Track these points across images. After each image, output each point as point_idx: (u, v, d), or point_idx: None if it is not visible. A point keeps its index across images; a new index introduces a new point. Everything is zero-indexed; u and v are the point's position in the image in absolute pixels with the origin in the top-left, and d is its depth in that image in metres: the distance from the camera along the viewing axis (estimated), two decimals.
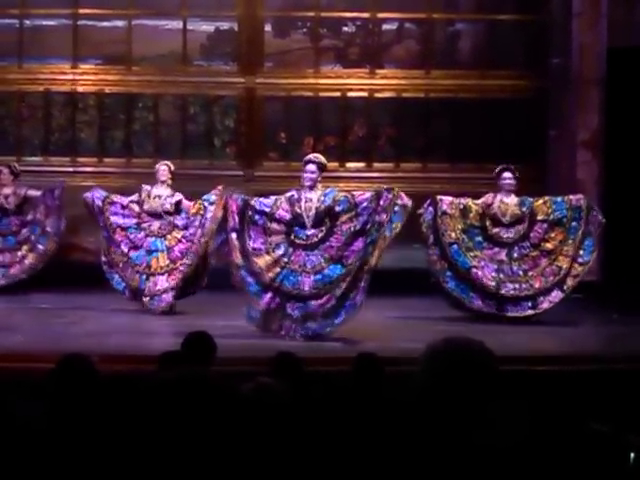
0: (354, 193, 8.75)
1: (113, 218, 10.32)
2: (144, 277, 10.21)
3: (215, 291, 9.69)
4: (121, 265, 10.28)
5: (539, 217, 9.90)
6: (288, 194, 8.78)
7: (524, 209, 9.93)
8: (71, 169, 12.62)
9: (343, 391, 5.19)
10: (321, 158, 9.00)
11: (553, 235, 9.87)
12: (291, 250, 8.60)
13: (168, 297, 10.14)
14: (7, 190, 11.42)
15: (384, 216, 8.42)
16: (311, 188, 8.70)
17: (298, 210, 8.62)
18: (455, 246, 9.86)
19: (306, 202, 8.65)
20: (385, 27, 12.82)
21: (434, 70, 12.76)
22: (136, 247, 10.29)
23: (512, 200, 9.97)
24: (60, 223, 11.37)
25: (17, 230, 11.44)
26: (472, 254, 9.83)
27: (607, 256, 11.79)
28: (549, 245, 9.87)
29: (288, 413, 3.24)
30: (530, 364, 7.27)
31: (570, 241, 9.82)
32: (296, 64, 12.80)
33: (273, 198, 8.80)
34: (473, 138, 12.54)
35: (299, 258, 8.58)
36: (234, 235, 8.68)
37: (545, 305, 9.84)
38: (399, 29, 12.85)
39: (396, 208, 8.46)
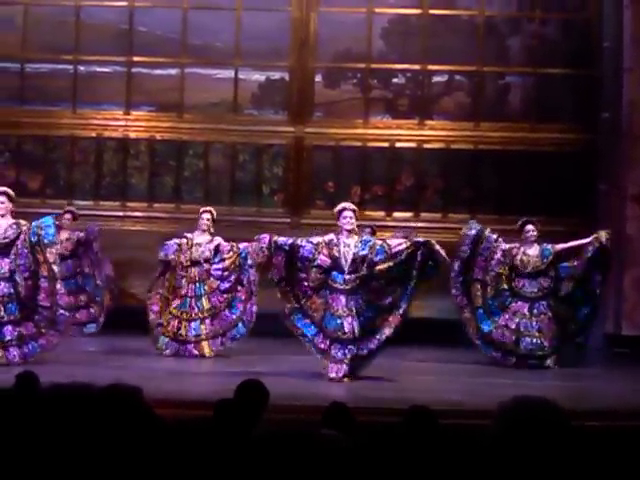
0: (390, 243, 8.89)
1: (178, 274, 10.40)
2: (194, 322, 10.24)
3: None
4: (164, 323, 10.31)
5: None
6: (327, 238, 8.91)
7: (545, 261, 10.22)
8: (121, 213, 12.75)
9: (395, 443, 5.17)
10: (354, 206, 9.26)
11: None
12: (328, 294, 8.79)
13: (217, 342, 10.21)
14: (64, 235, 11.41)
15: (419, 270, 8.75)
16: (349, 233, 8.84)
17: (336, 254, 8.77)
18: (481, 310, 10.20)
19: (344, 247, 8.81)
20: (435, 79, 12.91)
21: (483, 122, 12.81)
22: (181, 297, 10.34)
23: (534, 251, 10.30)
24: (105, 273, 11.67)
25: (76, 272, 11.64)
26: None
27: None
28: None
29: (351, 466, 3.23)
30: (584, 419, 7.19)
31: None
32: (345, 114, 12.90)
33: (314, 241, 8.92)
34: (521, 191, 12.53)
35: (337, 303, 8.75)
36: (283, 284, 8.93)
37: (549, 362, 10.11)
38: (449, 81, 12.93)
39: (430, 263, 8.74)
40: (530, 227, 10.37)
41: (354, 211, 9.03)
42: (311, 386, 8.19)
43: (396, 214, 12.70)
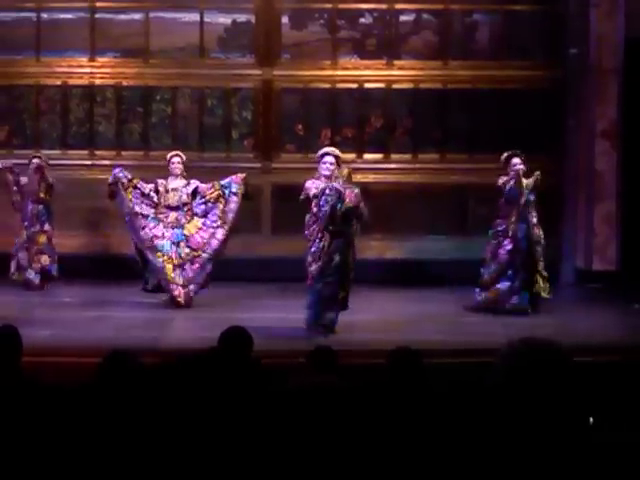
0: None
1: (135, 202, 10.25)
2: (172, 267, 10.13)
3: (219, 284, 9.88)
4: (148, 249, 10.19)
5: None
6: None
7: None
8: (89, 162, 12.64)
9: (380, 384, 5.21)
10: (338, 152, 9.11)
11: None
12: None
13: (193, 288, 10.13)
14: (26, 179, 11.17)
15: None
16: (328, 179, 8.75)
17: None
18: None
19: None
20: (402, 18, 12.80)
21: (451, 61, 12.76)
22: (158, 237, 10.23)
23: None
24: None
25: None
26: None
27: (626, 246, 11.82)
28: None
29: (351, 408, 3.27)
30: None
31: None
32: (313, 56, 12.80)
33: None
34: (491, 129, 12.54)
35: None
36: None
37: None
38: (416, 20, 12.84)
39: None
40: (517, 160, 10.14)
41: (337, 157, 8.94)
42: (291, 331, 8.22)
43: (366, 156, 12.67)
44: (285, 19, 12.78)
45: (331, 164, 8.82)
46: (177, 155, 10.54)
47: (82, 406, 4.12)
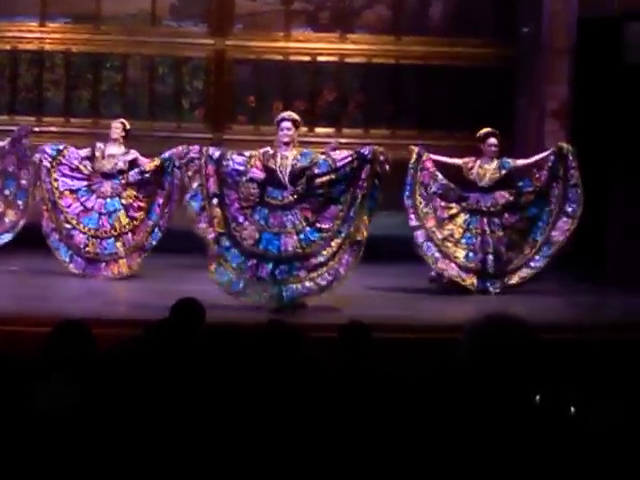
0: (334, 156, 8.49)
1: (62, 180, 10.00)
2: (109, 240, 9.97)
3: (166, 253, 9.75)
4: (64, 233, 9.97)
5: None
6: (262, 150, 8.43)
7: (503, 171, 9.89)
8: (37, 129, 12.38)
9: (331, 358, 5.22)
10: (295, 116, 8.78)
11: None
12: (267, 212, 8.31)
13: (135, 258, 10.00)
14: None
15: (363, 190, 8.34)
16: (287, 146, 8.43)
17: (272, 166, 8.30)
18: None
19: (282, 159, 8.35)
20: None
21: (404, 36, 12.75)
22: (87, 210, 10.04)
23: (492, 165, 9.91)
24: (31, 173, 10.47)
25: None
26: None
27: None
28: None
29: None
30: None
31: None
32: (266, 27, 12.72)
33: (247, 154, 8.42)
34: (442, 105, 12.57)
35: (277, 219, 8.32)
36: (215, 201, 8.37)
37: (514, 281, 9.85)
38: None
39: (376, 182, 8.38)
40: (493, 140, 9.89)
41: (294, 122, 8.54)
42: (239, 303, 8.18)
43: (318, 129, 12.63)
44: None
45: (288, 129, 8.46)
46: (121, 122, 10.37)
47: (32, 379, 4.06)
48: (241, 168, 8.37)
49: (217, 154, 8.47)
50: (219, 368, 4.09)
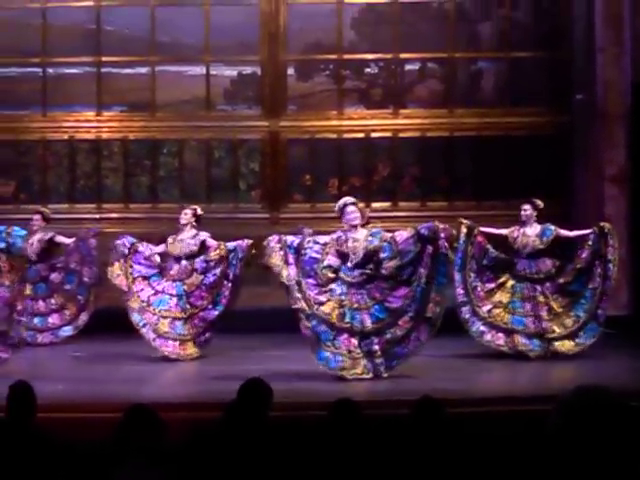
0: (395, 237, 8.59)
1: (136, 267, 10.17)
2: (178, 321, 10.04)
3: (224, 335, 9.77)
4: (137, 308, 10.05)
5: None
6: (335, 235, 8.68)
7: (544, 239, 9.91)
8: (97, 216, 12.63)
9: (404, 434, 5.12)
10: (352, 199, 8.99)
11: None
12: (345, 288, 8.53)
13: (201, 340, 10.04)
14: (35, 237, 11.04)
15: (427, 269, 8.46)
16: (356, 227, 8.64)
17: (345, 250, 8.55)
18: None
19: (354, 242, 8.58)
20: (407, 67, 12.87)
21: (457, 109, 12.79)
22: (157, 292, 10.15)
23: (535, 231, 9.95)
24: (98, 273, 10.89)
25: (46, 275, 11.06)
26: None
27: (638, 290, 11.74)
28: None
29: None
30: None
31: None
32: (319, 106, 12.83)
33: (321, 241, 8.67)
34: (498, 175, 12.54)
35: (353, 297, 8.53)
36: (296, 287, 8.57)
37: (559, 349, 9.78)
38: (421, 69, 12.90)
39: (442, 257, 8.48)
40: (525, 206, 9.98)
41: (355, 204, 8.77)
42: (308, 383, 8.10)
43: (374, 204, 12.62)
44: (291, 70, 12.83)
45: (354, 212, 8.67)
46: (191, 208, 10.47)
47: (102, 464, 4.03)
48: (318, 256, 8.62)
49: (296, 243, 8.68)
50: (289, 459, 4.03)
